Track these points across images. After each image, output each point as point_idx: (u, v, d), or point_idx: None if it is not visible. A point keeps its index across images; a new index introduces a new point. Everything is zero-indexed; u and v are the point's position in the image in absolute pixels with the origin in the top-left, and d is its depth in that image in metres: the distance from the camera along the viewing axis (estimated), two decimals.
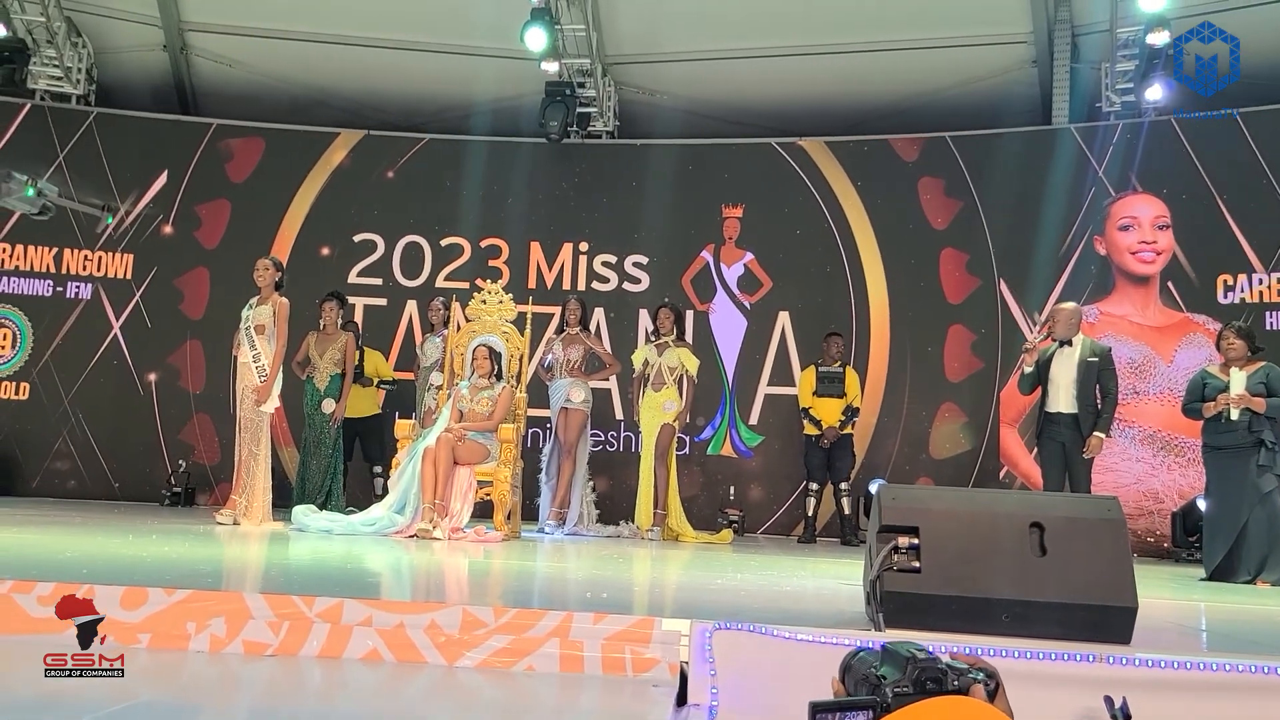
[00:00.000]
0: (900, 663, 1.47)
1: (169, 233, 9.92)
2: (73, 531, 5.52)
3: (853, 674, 1.56)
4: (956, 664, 1.48)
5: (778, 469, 9.30)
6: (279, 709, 2.54)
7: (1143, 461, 8.55)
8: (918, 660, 1.46)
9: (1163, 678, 2.47)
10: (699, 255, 9.78)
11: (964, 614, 2.78)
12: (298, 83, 10.36)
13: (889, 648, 1.53)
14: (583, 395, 7.79)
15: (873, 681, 1.49)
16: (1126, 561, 2.87)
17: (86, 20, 10.17)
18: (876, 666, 1.51)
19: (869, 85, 9.84)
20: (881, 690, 1.45)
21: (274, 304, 6.79)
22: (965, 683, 1.45)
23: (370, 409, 8.70)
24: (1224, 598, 5.09)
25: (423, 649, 2.77)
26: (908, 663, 1.46)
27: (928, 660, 1.46)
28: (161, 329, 9.75)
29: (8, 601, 2.83)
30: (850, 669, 1.58)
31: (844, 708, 1.46)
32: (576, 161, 10.12)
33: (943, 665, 1.46)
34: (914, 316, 9.34)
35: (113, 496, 9.28)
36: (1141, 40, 8.63)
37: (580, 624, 2.77)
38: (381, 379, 8.87)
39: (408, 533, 6.38)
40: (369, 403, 8.68)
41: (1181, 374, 8.27)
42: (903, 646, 1.50)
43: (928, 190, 9.47)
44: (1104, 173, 9.01)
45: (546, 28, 9.11)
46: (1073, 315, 6.56)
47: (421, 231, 9.94)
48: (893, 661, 1.49)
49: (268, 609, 2.83)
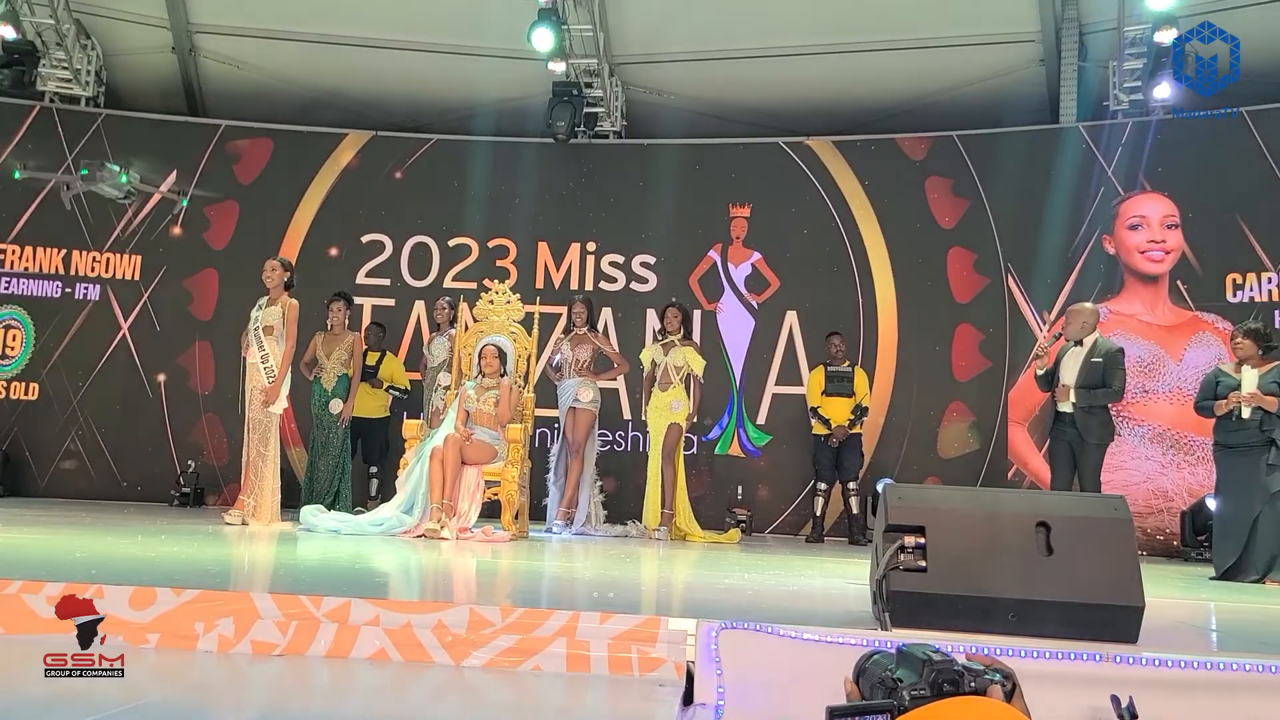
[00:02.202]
0: (916, 665, 1.46)
1: (177, 234, 9.95)
2: (82, 532, 5.54)
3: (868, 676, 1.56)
4: (973, 665, 1.47)
5: (785, 468, 9.29)
6: (287, 708, 2.54)
7: (1152, 460, 8.52)
8: (934, 662, 1.45)
9: (1169, 677, 2.47)
10: (706, 255, 9.78)
11: (970, 613, 2.78)
12: (305, 84, 10.39)
13: (904, 649, 1.52)
14: (591, 395, 7.80)
15: (888, 684, 1.48)
16: (1133, 560, 2.86)
17: (96, 23, 10.21)
18: (892, 669, 1.51)
19: (876, 84, 9.83)
20: (898, 693, 1.44)
21: (283, 305, 6.80)
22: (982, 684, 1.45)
23: (378, 411, 8.71)
24: (1232, 597, 5.07)
25: (430, 649, 2.77)
26: (924, 665, 1.45)
27: (944, 662, 1.45)
28: (170, 330, 9.77)
29: (17, 602, 2.84)
30: (865, 671, 1.57)
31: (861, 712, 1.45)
32: (584, 162, 10.12)
33: (959, 667, 1.45)
34: (922, 316, 9.33)
35: (121, 497, 9.31)
36: (1149, 38, 8.61)
37: (587, 624, 2.78)
38: (393, 384, 8.86)
39: (415, 533, 6.39)
40: (377, 404, 8.69)
41: (1191, 372, 8.25)
42: (918, 648, 1.49)
43: (935, 189, 9.46)
44: (1112, 171, 8.99)
45: (553, 28, 9.13)
46: (1088, 316, 6.62)
47: (429, 232, 9.95)
48: (908, 663, 1.49)
49: (275, 609, 2.84)
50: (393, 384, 8.85)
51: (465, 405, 6.97)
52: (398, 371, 8.96)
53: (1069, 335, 6.55)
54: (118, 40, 10.38)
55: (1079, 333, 6.53)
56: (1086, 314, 6.62)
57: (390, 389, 8.83)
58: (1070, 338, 6.54)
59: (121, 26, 10.31)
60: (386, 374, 8.77)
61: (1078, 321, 6.56)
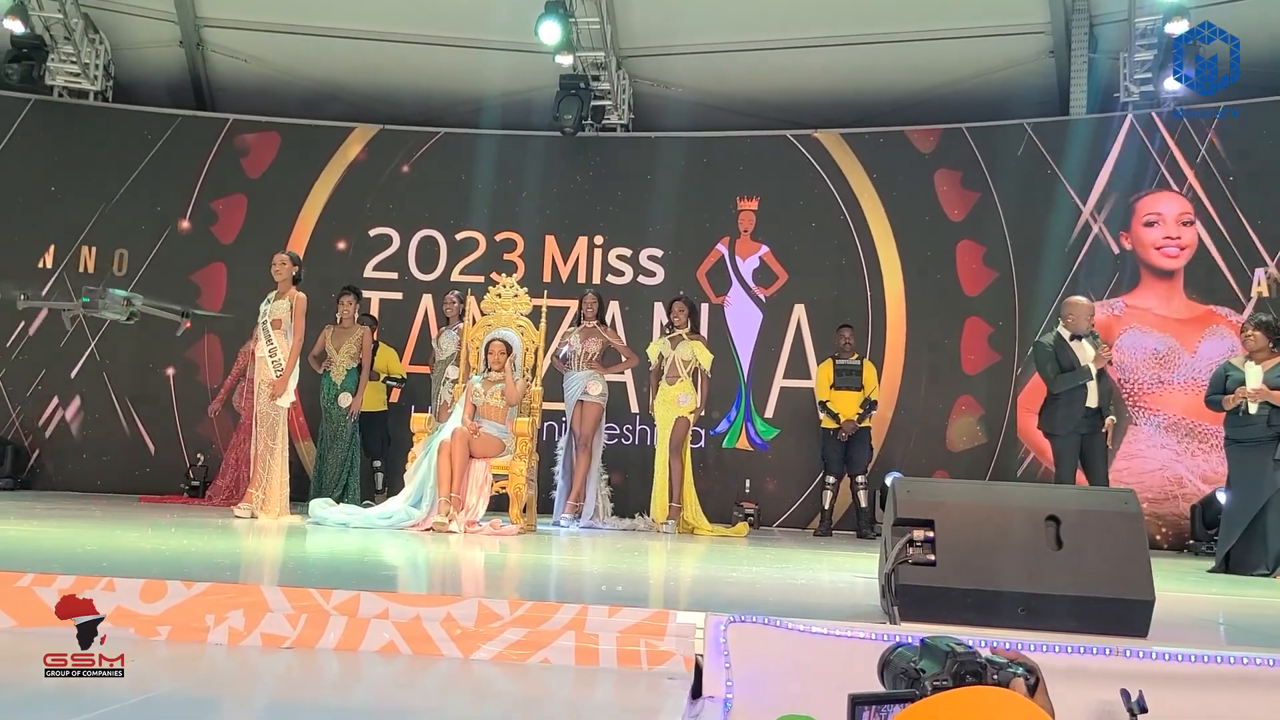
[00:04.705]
0: (939, 656, 1.48)
1: (185, 228, 9.96)
2: (93, 525, 5.56)
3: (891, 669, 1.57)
4: (996, 658, 1.48)
5: (793, 462, 9.28)
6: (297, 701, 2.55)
7: (1167, 448, 8.59)
8: (957, 654, 1.46)
9: (1179, 671, 2.46)
10: (714, 248, 9.76)
11: (979, 607, 2.78)
12: (313, 78, 10.39)
13: (928, 642, 1.54)
14: (599, 388, 7.80)
15: (911, 674, 1.50)
16: (1143, 554, 2.86)
17: (104, 17, 10.22)
18: (915, 660, 1.53)
19: (884, 77, 9.80)
20: (920, 683, 1.46)
21: (291, 298, 6.81)
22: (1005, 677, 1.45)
23: (377, 404, 8.70)
24: (1241, 591, 5.06)
25: (439, 641, 2.78)
26: (947, 656, 1.47)
27: (967, 654, 1.47)
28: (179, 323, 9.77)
29: (29, 594, 2.85)
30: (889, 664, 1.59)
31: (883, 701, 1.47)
32: (591, 155, 10.11)
33: (982, 659, 1.47)
34: (930, 309, 9.31)
35: (131, 490, 9.34)
36: (1160, 30, 8.55)
37: (595, 617, 2.78)
38: (389, 375, 8.88)
39: (424, 526, 6.41)
40: (375, 398, 8.68)
41: (1204, 364, 8.27)
42: (942, 640, 1.51)
43: (944, 182, 9.43)
44: (1122, 163, 8.96)
45: (561, 21, 9.11)
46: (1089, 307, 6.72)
47: (436, 225, 9.95)
48: (932, 655, 1.50)
49: (285, 602, 2.85)
50: (389, 375, 8.87)
51: (472, 399, 6.97)
52: (392, 361, 8.98)
53: (1078, 329, 6.57)
54: (126, 34, 10.39)
55: (1088, 325, 6.60)
56: (1087, 305, 6.74)
57: (387, 380, 8.85)
58: (1081, 331, 6.57)
59: (129, 21, 10.32)
60: (381, 365, 8.77)
61: (1084, 314, 6.63)
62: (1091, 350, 6.52)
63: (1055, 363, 6.57)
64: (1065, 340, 6.59)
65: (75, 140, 9.95)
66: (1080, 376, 6.48)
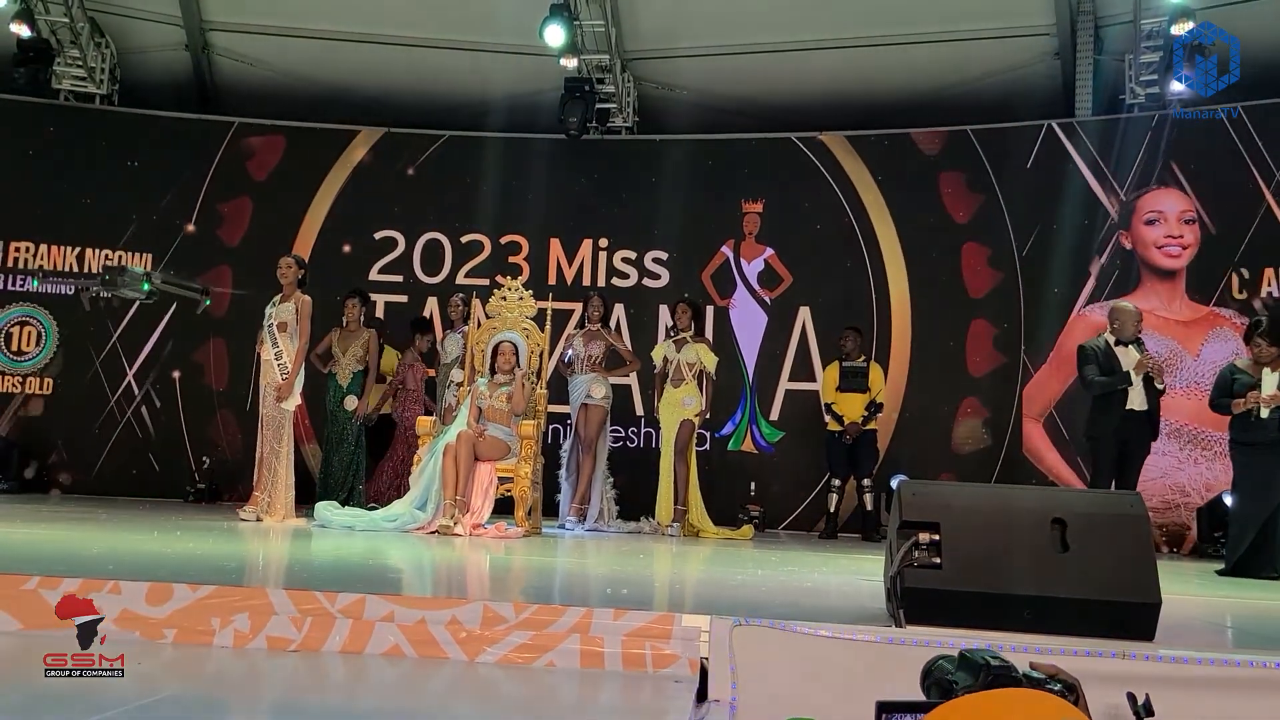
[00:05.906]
0: (975, 669, 1.50)
1: (191, 231, 9.98)
2: (99, 527, 5.57)
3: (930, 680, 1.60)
4: (1034, 673, 1.50)
5: (799, 465, 9.27)
6: (302, 704, 2.55)
7: (1169, 455, 8.47)
8: (991, 667, 1.49)
9: (1186, 674, 2.46)
10: (719, 251, 9.75)
11: (985, 610, 2.77)
12: (318, 81, 10.40)
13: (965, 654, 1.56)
14: (603, 391, 7.80)
15: (944, 686, 1.53)
16: (1149, 557, 2.85)
17: (109, 21, 10.25)
18: (952, 672, 1.55)
19: (889, 79, 9.78)
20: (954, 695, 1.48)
21: (296, 301, 6.83)
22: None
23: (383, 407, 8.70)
24: (1248, 593, 5.05)
25: (444, 644, 2.78)
26: (981, 669, 1.49)
27: (1002, 667, 1.49)
28: (184, 327, 9.80)
29: (35, 597, 2.86)
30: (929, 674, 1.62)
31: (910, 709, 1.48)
32: (596, 157, 10.11)
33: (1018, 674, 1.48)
34: (936, 311, 9.28)
35: (137, 493, 9.35)
36: (1165, 31, 8.54)
37: (601, 620, 2.78)
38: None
39: (429, 529, 6.41)
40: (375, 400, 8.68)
41: (1208, 368, 8.21)
42: (979, 654, 1.53)
43: (949, 184, 9.41)
44: (1127, 165, 8.93)
45: (565, 24, 9.12)
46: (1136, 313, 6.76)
47: (442, 228, 9.96)
48: (968, 667, 1.53)
49: (291, 605, 2.86)
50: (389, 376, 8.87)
51: (478, 402, 6.98)
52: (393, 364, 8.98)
53: (1124, 335, 6.60)
54: (131, 38, 10.42)
55: (1134, 331, 6.63)
56: (1134, 312, 6.75)
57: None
58: (1127, 338, 6.58)
59: (135, 24, 10.35)
60: (385, 367, 8.76)
61: (1130, 320, 6.64)
62: (1135, 356, 6.53)
63: (1096, 365, 6.60)
64: (1110, 345, 6.60)
65: (81, 144, 9.98)
66: (1118, 381, 6.51)
